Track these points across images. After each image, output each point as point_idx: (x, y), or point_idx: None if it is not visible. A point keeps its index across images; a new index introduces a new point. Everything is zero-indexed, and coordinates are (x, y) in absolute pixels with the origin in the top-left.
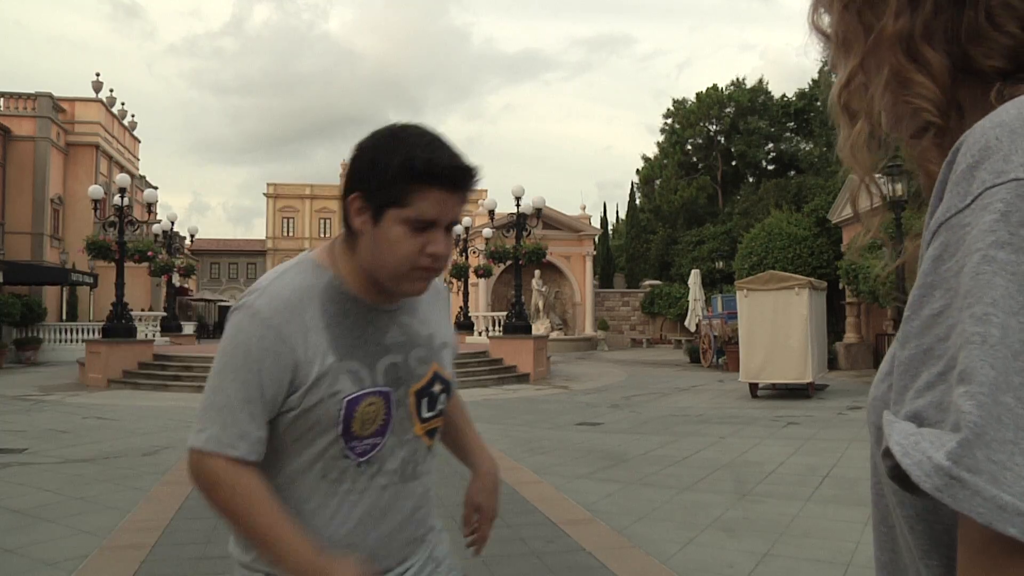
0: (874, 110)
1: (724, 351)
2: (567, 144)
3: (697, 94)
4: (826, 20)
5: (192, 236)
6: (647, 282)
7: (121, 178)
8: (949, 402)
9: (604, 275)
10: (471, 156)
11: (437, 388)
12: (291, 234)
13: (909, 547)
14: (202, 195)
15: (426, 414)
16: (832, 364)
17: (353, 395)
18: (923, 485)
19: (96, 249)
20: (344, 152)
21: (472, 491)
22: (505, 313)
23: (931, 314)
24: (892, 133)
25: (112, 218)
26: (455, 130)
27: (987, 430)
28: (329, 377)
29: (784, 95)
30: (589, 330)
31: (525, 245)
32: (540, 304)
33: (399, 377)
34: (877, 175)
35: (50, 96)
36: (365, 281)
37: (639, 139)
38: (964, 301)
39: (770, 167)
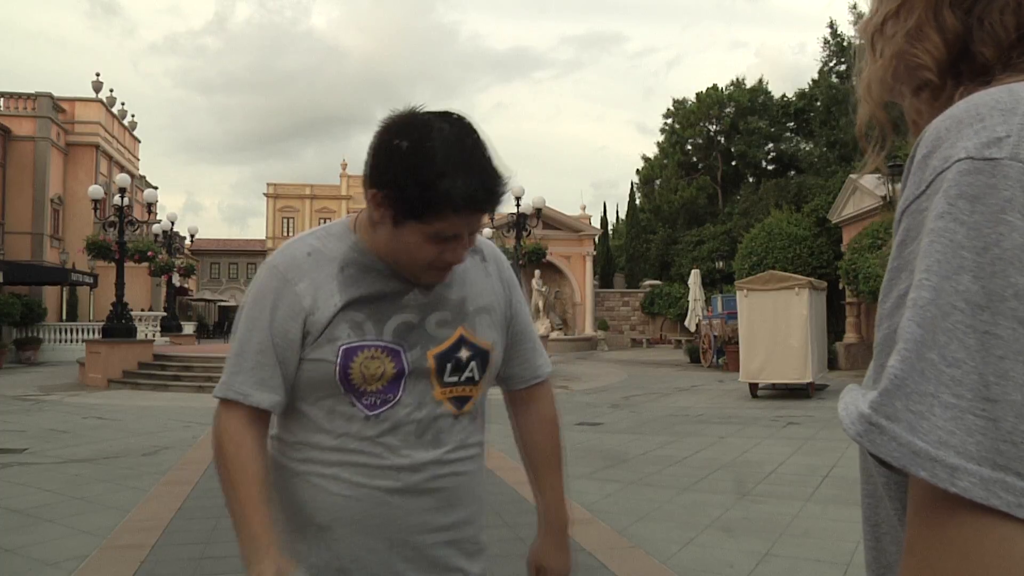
0: (894, 53)
1: (724, 351)
2: (560, 143)
3: (697, 94)
4: None
5: (192, 236)
6: (647, 282)
7: (121, 178)
8: None
9: (604, 275)
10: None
11: (464, 354)
12: (291, 234)
13: (898, 540)
14: (195, 195)
15: (448, 378)
16: (832, 364)
17: (350, 344)
18: (848, 432)
19: (96, 249)
20: (334, 152)
21: (533, 549)
22: None
23: (899, 295)
24: (895, 85)
25: (112, 218)
26: None
27: (907, 382)
28: (332, 324)
29: (784, 95)
30: (589, 330)
31: (525, 245)
32: (540, 304)
33: (413, 338)
34: (878, 176)
35: (50, 96)
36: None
37: (630, 137)
38: (915, 275)
39: (770, 167)
